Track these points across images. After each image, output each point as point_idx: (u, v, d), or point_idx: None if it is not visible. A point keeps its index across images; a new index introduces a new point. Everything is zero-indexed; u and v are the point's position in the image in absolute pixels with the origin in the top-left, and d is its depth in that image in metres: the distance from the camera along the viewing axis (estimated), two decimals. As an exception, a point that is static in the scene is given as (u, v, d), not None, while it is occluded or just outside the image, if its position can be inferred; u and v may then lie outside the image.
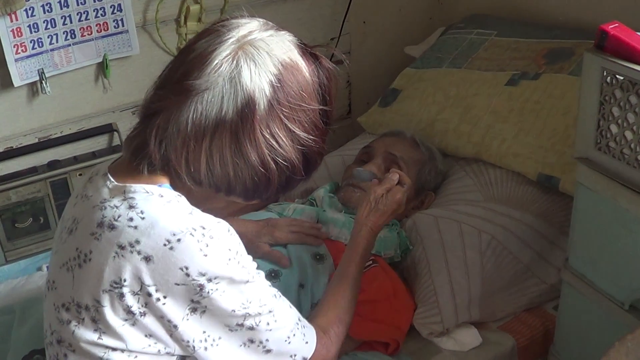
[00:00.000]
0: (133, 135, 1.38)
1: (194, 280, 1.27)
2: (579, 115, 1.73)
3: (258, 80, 1.31)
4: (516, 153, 2.27)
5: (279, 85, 1.33)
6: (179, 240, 1.26)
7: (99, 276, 1.29)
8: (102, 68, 2.46)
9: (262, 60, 1.32)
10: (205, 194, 1.39)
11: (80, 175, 2.42)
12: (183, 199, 1.35)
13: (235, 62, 1.31)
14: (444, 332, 2.01)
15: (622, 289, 1.74)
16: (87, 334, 1.32)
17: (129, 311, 1.29)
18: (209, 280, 1.28)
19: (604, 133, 1.67)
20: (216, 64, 1.30)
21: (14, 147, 2.44)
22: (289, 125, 1.35)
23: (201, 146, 1.31)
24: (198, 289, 1.28)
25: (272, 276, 1.92)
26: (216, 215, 1.36)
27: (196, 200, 1.38)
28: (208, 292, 1.29)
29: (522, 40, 2.59)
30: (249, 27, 1.37)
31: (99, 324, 1.31)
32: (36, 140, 2.46)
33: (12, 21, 2.22)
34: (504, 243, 2.10)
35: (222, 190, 1.37)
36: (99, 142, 2.54)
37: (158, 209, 1.30)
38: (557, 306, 2.03)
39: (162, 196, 1.32)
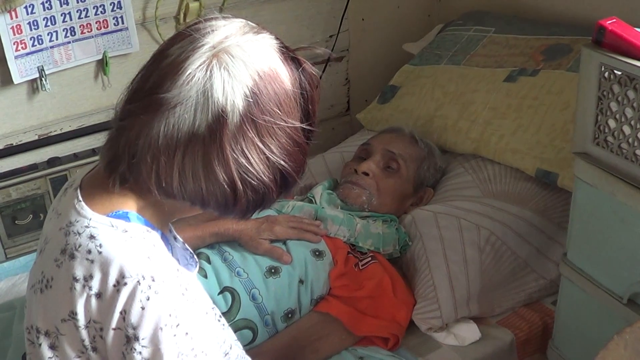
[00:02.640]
0: (106, 148, 1.30)
1: (126, 328, 1.20)
2: (577, 110, 1.74)
3: (231, 93, 1.21)
4: (515, 149, 2.27)
5: (253, 98, 1.22)
6: (125, 284, 1.19)
7: (58, 305, 1.25)
8: (102, 65, 2.47)
9: (236, 70, 1.22)
10: (180, 205, 1.32)
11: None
12: (150, 236, 1.28)
13: (208, 72, 1.21)
14: (443, 327, 2.02)
15: (620, 283, 1.75)
16: None
17: (82, 344, 1.25)
18: (136, 338, 1.20)
19: (602, 128, 1.68)
20: (189, 74, 1.20)
21: (14, 144, 2.44)
22: (264, 141, 1.25)
23: (173, 160, 1.22)
24: (125, 340, 1.21)
25: (272, 272, 1.93)
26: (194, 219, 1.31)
27: (173, 210, 1.34)
28: (131, 350, 1.20)
29: (520, 36, 2.60)
30: (226, 31, 1.26)
31: (57, 351, 1.27)
32: (36, 138, 2.47)
33: (12, 18, 2.22)
34: (502, 238, 2.11)
35: (197, 204, 1.29)
36: (98, 139, 2.54)
37: (117, 245, 1.23)
38: (555, 301, 2.03)
39: (126, 231, 1.25)
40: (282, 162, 1.27)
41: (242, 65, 1.22)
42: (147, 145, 1.22)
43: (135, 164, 1.24)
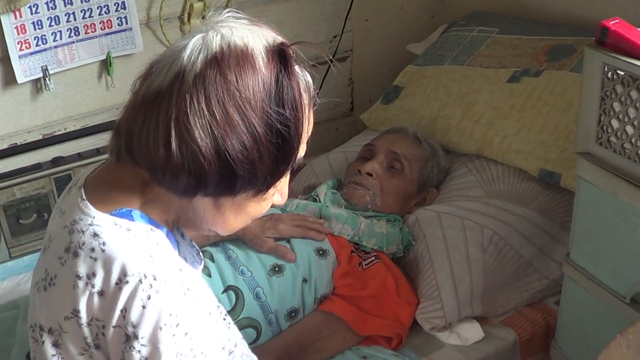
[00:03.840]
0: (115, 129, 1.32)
1: (126, 326, 1.20)
2: (580, 110, 1.74)
3: (195, 56, 1.20)
4: (518, 149, 2.28)
5: (213, 62, 1.19)
6: (127, 282, 1.20)
7: (61, 302, 1.25)
8: (106, 65, 2.47)
9: (211, 40, 1.21)
10: (180, 203, 1.30)
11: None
12: (153, 235, 1.28)
13: (189, 41, 1.22)
14: (446, 326, 2.02)
15: (623, 283, 1.75)
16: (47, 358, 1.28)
17: (85, 342, 1.25)
18: (135, 337, 1.19)
19: (605, 128, 1.68)
20: (178, 45, 1.24)
21: (18, 144, 2.45)
22: (210, 106, 1.18)
23: (140, 118, 1.22)
24: (125, 338, 1.20)
25: (276, 271, 1.93)
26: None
27: (184, 219, 1.34)
28: (130, 348, 1.20)
29: (523, 37, 2.60)
30: (230, 22, 1.26)
31: (60, 349, 1.27)
32: (40, 137, 2.48)
33: (16, 18, 2.23)
34: (505, 238, 2.11)
35: (145, 168, 1.24)
36: (102, 139, 2.55)
37: (120, 244, 1.23)
38: (558, 301, 2.03)
39: (129, 230, 1.25)
40: (226, 137, 1.19)
41: (218, 37, 1.22)
42: (131, 105, 1.25)
43: (130, 130, 1.25)
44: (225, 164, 1.21)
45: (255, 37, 1.25)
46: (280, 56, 1.25)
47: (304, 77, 1.28)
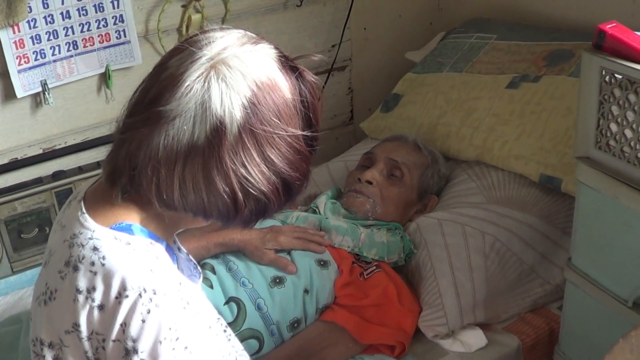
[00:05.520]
0: (107, 160, 1.30)
1: (125, 341, 1.20)
2: (579, 114, 1.74)
3: (228, 104, 1.20)
4: (518, 155, 2.27)
5: (252, 109, 1.22)
6: (127, 296, 1.20)
7: (61, 316, 1.26)
8: (105, 78, 2.47)
9: (234, 81, 1.22)
10: (183, 216, 1.31)
11: (84, 185, 2.45)
12: (153, 249, 1.28)
13: (206, 83, 1.21)
14: (449, 334, 2.02)
15: (625, 287, 1.75)
16: None
17: (86, 355, 1.25)
18: (135, 351, 1.20)
19: (603, 132, 1.68)
20: (187, 86, 1.21)
21: (19, 158, 2.45)
22: (264, 152, 1.24)
23: (173, 172, 1.22)
24: (124, 352, 1.21)
25: (277, 282, 1.93)
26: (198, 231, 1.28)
27: (177, 222, 1.34)
28: None
29: (521, 43, 2.60)
30: (224, 43, 1.26)
31: None
32: (41, 151, 2.48)
33: (14, 33, 2.23)
34: (507, 245, 2.11)
35: (199, 215, 1.28)
36: (103, 152, 2.51)
37: (120, 258, 1.23)
38: (561, 306, 2.03)
39: (129, 244, 1.26)
40: (284, 172, 1.27)
41: (239, 76, 1.22)
42: (147, 157, 1.23)
43: (136, 176, 1.24)
44: (286, 189, 1.30)
45: (270, 62, 1.27)
46: (295, 72, 1.30)
47: (314, 80, 1.35)
